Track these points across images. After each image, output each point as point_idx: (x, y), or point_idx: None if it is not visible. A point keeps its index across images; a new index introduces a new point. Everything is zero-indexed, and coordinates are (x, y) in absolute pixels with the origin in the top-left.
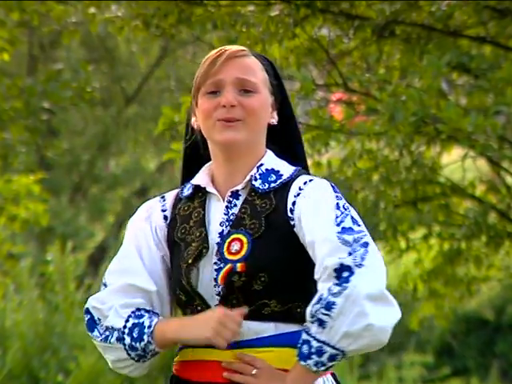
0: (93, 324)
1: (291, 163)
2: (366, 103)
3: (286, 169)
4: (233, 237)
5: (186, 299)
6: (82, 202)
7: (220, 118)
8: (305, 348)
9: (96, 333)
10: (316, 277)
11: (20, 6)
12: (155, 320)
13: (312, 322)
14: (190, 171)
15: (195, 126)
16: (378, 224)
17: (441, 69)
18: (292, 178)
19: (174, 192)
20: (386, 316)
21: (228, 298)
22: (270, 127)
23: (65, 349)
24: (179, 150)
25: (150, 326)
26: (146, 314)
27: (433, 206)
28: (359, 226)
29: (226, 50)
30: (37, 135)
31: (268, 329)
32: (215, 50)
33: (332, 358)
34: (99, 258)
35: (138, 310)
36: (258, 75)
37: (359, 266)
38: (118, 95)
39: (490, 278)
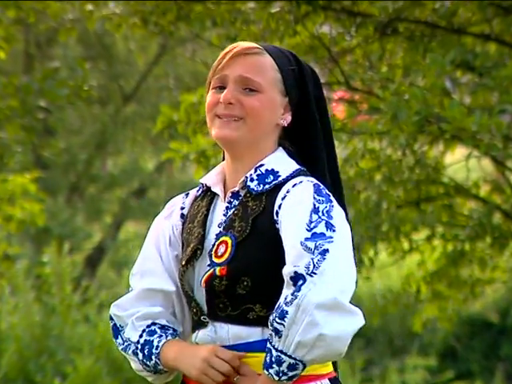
0: (117, 331)
1: (304, 164)
2: (369, 102)
3: (286, 170)
4: (221, 239)
5: (186, 300)
6: (79, 202)
7: (218, 114)
8: (267, 357)
9: (120, 340)
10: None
11: (16, 3)
12: (163, 341)
13: (271, 331)
14: None
15: None
16: (381, 225)
17: (444, 67)
18: (287, 180)
19: (197, 189)
20: (341, 325)
21: (214, 302)
22: (289, 127)
23: (61, 352)
24: (178, 150)
25: (157, 347)
26: (158, 331)
27: (436, 206)
28: (333, 231)
29: (235, 47)
30: (33, 134)
31: (254, 333)
32: (231, 45)
33: (292, 367)
34: (96, 260)
35: (154, 324)
36: (267, 75)
37: (311, 274)
38: (116, 94)
39: (495, 280)
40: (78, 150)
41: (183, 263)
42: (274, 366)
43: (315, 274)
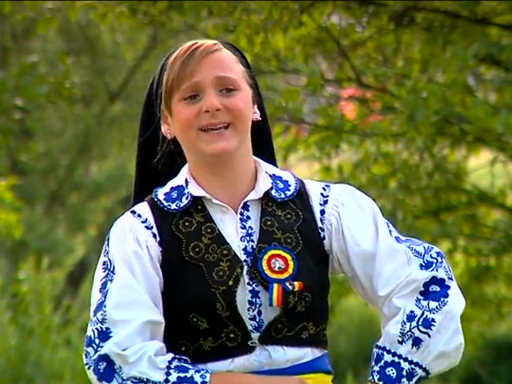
0: (111, 372)
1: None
2: (382, 100)
3: (284, 174)
4: (271, 253)
5: (210, 326)
6: (60, 212)
7: (204, 126)
8: (391, 371)
9: (115, 383)
10: (383, 292)
11: None
12: (208, 376)
13: (401, 342)
14: (150, 184)
15: (168, 136)
16: None
17: (467, 61)
18: (299, 185)
19: (145, 205)
20: (462, 333)
21: (274, 322)
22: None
23: (40, 379)
24: None
25: (204, 383)
26: (189, 366)
27: (458, 216)
28: (399, 233)
29: (198, 47)
30: (9, 137)
31: (306, 354)
32: (184, 47)
33: (418, 380)
34: (79, 277)
35: (176, 359)
36: (236, 70)
37: (451, 278)
38: (101, 91)
39: None
40: (58, 154)
41: (230, 284)
42: (404, 380)
43: (452, 279)
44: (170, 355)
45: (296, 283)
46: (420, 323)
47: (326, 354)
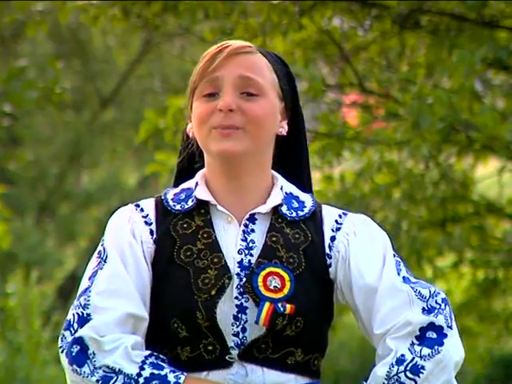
0: (83, 358)
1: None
2: (386, 107)
3: (303, 195)
4: (269, 270)
5: (189, 335)
6: (50, 223)
7: (216, 125)
8: None
9: (86, 369)
10: (379, 331)
11: None
12: (182, 378)
13: None
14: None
15: (190, 134)
16: (400, 249)
17: (474, 66)
18: (316, 208)
19: (151, 202)
20: None
21: (258, 341)
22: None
23: None
24: (164, 162)
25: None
26: (165, 365)
27: (464, 228)
28: (411, 275)
29: (228, 45)
30: None
31: (288, 381)
32: (216, 45)
33: None
34: (69, 291)
35: (153, 356)
36: (265, 76)
37: (451, 327)
38: (93, 97)
39: None
40: (48, 162)
41: (213, 293)
42: None
43: (453, 327)
44: (148, 351)
45: (288, 306)
46: (408, 368)
47: (314, 383)
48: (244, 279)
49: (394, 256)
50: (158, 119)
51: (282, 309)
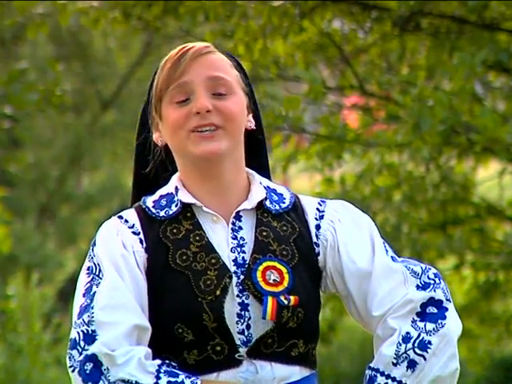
0: (98, 374)
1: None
2: (386, 109)
3: (278, 187)
4: (266, 264)
5: (196, 338)
6: (50, 225)
7: (194, 127)
8: None
9: None
10: (378, 312)
11: None
12: (199, 382)
13: (396, 364)
14: (142, 193)
15: (159, 143)
16: (401, 251)
17: (475, 68)
18: (295, 199)
19: (133, 212)
20: (458, 358)
21: (265, 337)
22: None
23: None
24: None
25: None
26: (179, 372)
27: (465, 230)
28: (395, 253)
29: (188, 48)
30: None
31: (294, 373)
32: (175, 50)
33: None
34: (70, 293)
35: (165, 364)
36: (230, 73)
37: (449, 300)
38: (93, 99)
39: None
40: (48, 164)
41: (218, 293)
42: None
43: (450, 301)
44: (159, 360)
45: (292, 297)
46: (416, 345)
47: (314, 374)
48: (242, 277)
49: (380, 237)
50: None
51: (286, 301)
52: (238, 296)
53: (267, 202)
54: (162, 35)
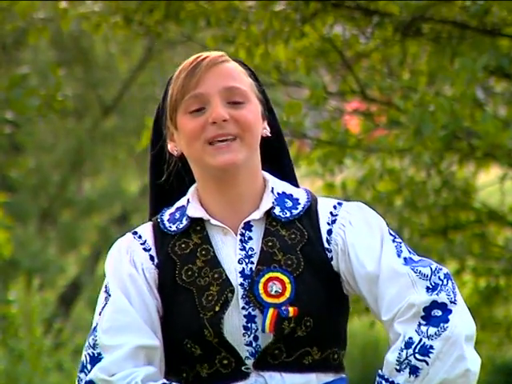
0: None
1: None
2: (388, 114)
3: (297, 191)
4: (268, 276)
5: (204, 352)
6: (52, 230)
7: (211, 138)
8: None
9: None
10: (386, 317)
11: None
12: None
13: (399, 370)
14: (159, 205)
15: (175, 153)
16: None
17: (476, 73)
18: (310, 203)
19: (148, 226)
20: (477, 359)
21: (270, 348)
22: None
23: None
24: None
25: None
26: None
27: (466, 235)
28: (415, 254)
29: (203, 58)
30: None
31: (310, 381)
32: (190, 59)
33: None
34: (71, 298)
35: None
36: (245, 81)
37: (454, 302)
38: (94, 104)
39: None
40: (50, 169)
41: (217, 309)
42: None
43: (457, 301)
44: (161, 381)
45: (290, 309)
46: (417, 351)
47: (342, 378)
48: (248, 288)
49: (394, 238)
50: None
51: (285, 313)
52: (243, 308)
53: (276, 211)
54: (163, 40)
